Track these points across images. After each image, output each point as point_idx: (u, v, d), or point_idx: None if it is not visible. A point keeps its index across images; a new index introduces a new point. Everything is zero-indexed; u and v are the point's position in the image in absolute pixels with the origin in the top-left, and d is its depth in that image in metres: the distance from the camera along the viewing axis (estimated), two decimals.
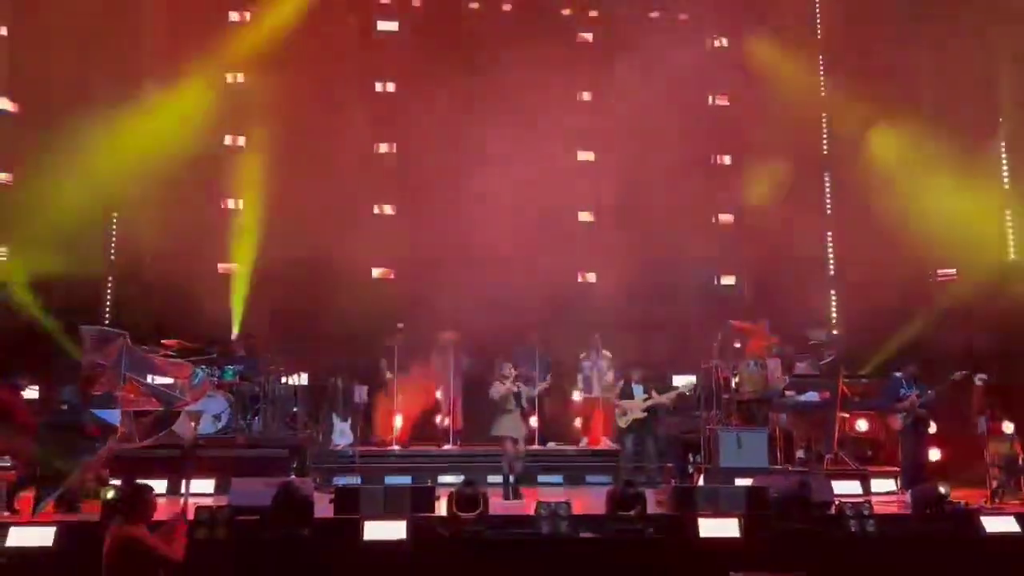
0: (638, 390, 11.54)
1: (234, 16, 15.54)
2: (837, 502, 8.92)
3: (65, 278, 12.73)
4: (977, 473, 10.21)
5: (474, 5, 15.91)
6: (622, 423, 11.58)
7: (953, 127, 13.55)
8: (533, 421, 12.07)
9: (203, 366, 11.54)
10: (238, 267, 14.67)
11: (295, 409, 12.61)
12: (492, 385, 10.68)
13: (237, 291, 14.40)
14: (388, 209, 15.78)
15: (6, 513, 8.79)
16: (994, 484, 9.88)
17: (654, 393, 11.54)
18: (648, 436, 11.44)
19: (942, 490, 8.66)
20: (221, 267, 14.98)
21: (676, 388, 12.10)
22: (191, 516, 7.41)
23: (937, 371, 10.78)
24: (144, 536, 5.80)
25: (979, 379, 10.38)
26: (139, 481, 6.42)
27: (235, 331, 13.97)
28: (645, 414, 11.43)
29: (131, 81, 14.26)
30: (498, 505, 8.89)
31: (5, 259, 13.57)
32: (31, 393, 9.80)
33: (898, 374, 10.71)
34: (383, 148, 15.77)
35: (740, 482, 9.84)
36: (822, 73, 15.72)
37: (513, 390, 10.50)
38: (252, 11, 15.34)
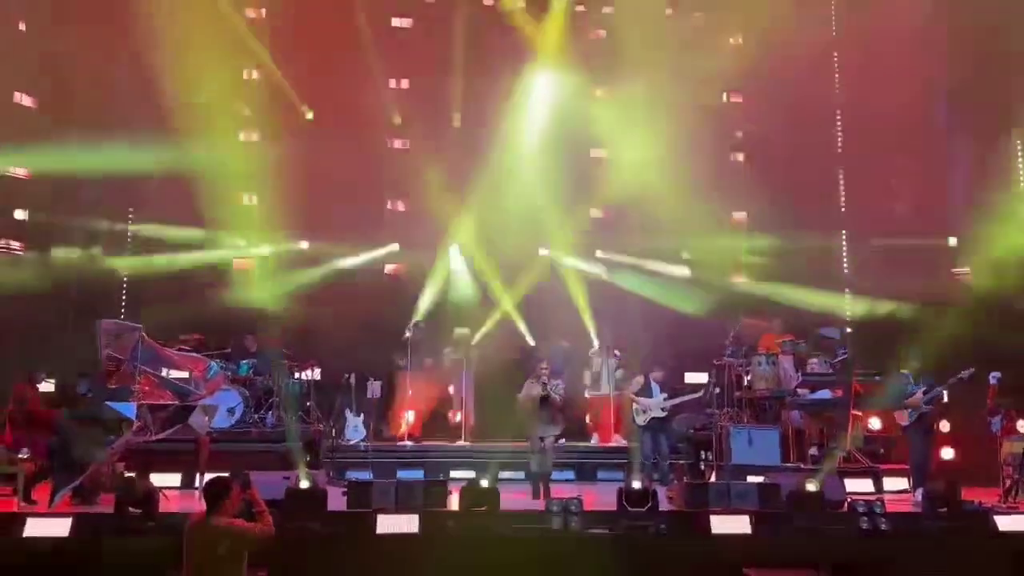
0: (657, 389, 11.42)
1: (251, 14, 15.61)
2: (849, 499, 8.93)
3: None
4: (991, 472, 10.19)
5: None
6: (640, 421, 11.38)
7: (969, 125, 13.48)
8: None
9: (218, 360, 11.63)
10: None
11: (308, 404, 12.70)
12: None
13: (253, 285, 14.46)
14: (401, 205, 15.82)
15: (23, 504, 8.89)
16: (1007, 483, 9.87)
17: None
18: (664, 435, 11.39)
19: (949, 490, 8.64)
20: (237, 262, 15.11)
21: (696, 390, 12.11)
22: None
23: (951, 369, 10.70)
24: (238, 522, 5.80)
25: (993, 378, 10.31)
26: (218, 475, 6.41)
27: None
28: (664, 413, 11.35)
29: (149, 75, 14.28)
30: (510, 501, 8.92)
31: None
32: (47, 387, 9.85)
33: (905, 371, 10.65)
34: (397, 144, 15.78)
35: (752, 479, 9.86)
36: (836, 69, 15.60)
37: (538, 389, 10.37)
38: (267, 8, 15.43)
